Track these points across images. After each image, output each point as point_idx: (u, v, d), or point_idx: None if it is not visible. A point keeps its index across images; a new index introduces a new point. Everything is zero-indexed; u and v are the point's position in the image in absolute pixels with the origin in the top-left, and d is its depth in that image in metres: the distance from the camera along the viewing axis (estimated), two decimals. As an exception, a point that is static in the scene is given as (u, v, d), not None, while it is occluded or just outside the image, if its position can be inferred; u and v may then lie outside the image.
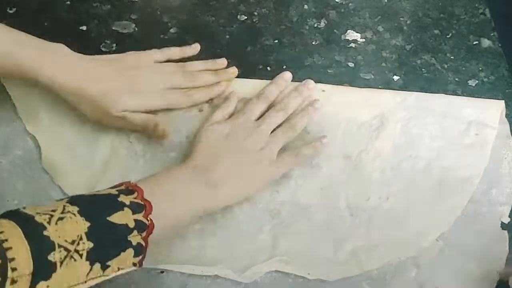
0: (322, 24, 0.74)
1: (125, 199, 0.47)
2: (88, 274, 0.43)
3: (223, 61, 0.67)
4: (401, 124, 0.64)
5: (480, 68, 0.70)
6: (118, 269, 0.45)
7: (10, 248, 0.39)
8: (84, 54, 0.68)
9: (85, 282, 0.43)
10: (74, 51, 0.68)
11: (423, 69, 0.70)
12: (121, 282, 0.54)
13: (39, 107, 0.63)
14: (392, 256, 0.56)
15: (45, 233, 0.41)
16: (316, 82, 0.66)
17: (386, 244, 0.56)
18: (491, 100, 0.66)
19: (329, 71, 0.69)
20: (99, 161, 0.61)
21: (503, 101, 0.66)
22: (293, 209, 0.58)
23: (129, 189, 0.49)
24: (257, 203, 0.59)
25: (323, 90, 0.66)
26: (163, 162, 0.61)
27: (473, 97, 0.67)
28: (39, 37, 0.57)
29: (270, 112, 0.62)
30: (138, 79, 0.61)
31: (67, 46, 0.66)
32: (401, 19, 0.75)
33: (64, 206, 0.44)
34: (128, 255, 0.46)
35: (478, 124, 0.64)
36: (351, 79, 0.69)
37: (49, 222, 0.42)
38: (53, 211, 0.43)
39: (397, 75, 0.69)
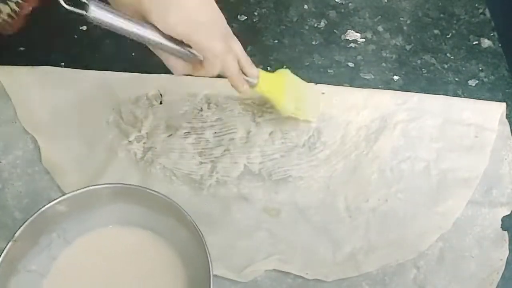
0: (322, 24, 0.74)
1: None
2: None
3: None
4: (401, 125, 0.64)
5: (480, 68, 0.70)
6: None
7: None
8: (84, 54, 0.68)
9: None
10: (74, 51, 0.68)
11: (423, 69, 0.70)
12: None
13: (38, 109, 0.63)
14: (391, 258, 0.56)
15: None
16: (316, 82, 0.67)
17: (385, 247, 0.57)
18: (492, 103, 0.66)
19: (329, 71, 0.69)
20: (99, 162, 0.60)
21: (504, 103, 0.66)
22: (292, 210, 0.59)
23: None
24: (255, 203, 0.59)
25: (323, 92, 0.65)
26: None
27: (473, 97, 0.67)
28: (39, 37, 0.56)
29: None
30: None
31: (67, 46, 0.65)
32: (401, 19, 0.75)
33: None
34: None
35: (478, 127, 0.64)
36: (351, 79, 0.69)
37: None
38: None
39: (397, 75, 0.69)
